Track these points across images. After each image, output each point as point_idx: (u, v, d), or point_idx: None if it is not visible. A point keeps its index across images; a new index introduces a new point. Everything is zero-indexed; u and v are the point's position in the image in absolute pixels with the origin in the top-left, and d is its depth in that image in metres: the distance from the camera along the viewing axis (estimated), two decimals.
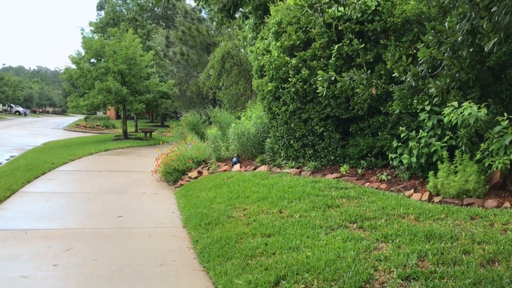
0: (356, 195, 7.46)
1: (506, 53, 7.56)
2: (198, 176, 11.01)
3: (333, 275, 4.58)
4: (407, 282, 4.30)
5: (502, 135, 6.93)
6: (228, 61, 18.53)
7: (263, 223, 6.58)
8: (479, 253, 4.74)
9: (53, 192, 9.98)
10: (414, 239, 5.27)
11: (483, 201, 6.67)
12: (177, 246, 6.53)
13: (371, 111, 9.01)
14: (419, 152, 7.88)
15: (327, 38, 9.11)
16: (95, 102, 20.93)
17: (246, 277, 4.92)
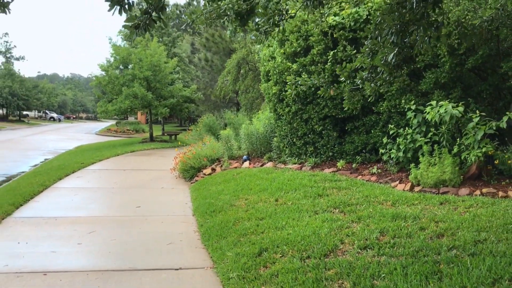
0: (346, 186, 8.31)
1: (482, 56, 8.31)
2: (212, 172, 12.00)
3: (306, 246, 5.47)
4: (364, 250, 5.16)
5: (477, 130, 7.69)
6: (243, 67, 19.54)
7: (259, 209, 7.50)
8: (433, 229, 5.56)
9: (81, 188, 11.12)
10: (382, 219, 6.12)
11: (457, 190, 7.44)
12: (185, 230, 7.50)
13: (364, 111, 9.84)
14: (406, 147, 8.67)
15: (324, 45, 9.98)
16: (122, 107, 22.24)
17: (236, 250, 5.85)
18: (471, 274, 4.13)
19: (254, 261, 5.37)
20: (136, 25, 3.11)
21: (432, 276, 4.23)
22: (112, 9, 2.89)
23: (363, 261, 4.81)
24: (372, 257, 4.93)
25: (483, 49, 8.33)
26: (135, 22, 3.10)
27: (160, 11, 3.07)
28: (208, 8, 4.73)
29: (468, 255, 4.62)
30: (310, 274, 4.69)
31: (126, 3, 2.89)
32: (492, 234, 5.15)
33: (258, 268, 5.18)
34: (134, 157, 17.79)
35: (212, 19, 4.83)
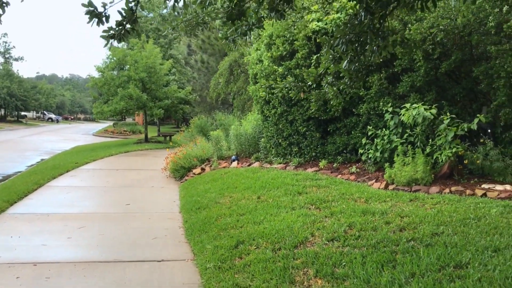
0: (325, 185, 8.72)
1: (455, 61, 8.73)
2: (201, 172, 12.40)
3: (279, 239, 5.87)
4: (331, 242, 5.57)
5: (448, 132, 8.10)
6: (235, 69, 19.97)
7: (241, 206, 7.91)
8: (397, 223, 5.97)
9: (74, 186, 11.52)
10: (352, 214, 6.53)
11: (428, 188, 7.85)
12: (170, 226, 7.89)
13: (346, 113, 10.26)
14: (383, 147, 9.08)
15: (308, 49, 10.40)
16: (117, 108, 22.65)
17: (215, 243, 6.26)
18: (422, 262, 4.53)
19: (230, 252, 5.78)
20: (111, 36, 3.51)
21: (387, 264, 4.64)
22: (91, 21, 3.29)
23: (328, 251, 5.22)
24: (337, 248, 5.34)
25: (456, 54, 8.74)
26: (111, 33, 3.50)
27: (133, 23, 3.46)
28: (188, 16, 5.13)
29: (424, 246, 5.03)
30: (279, 264, 5.10)
31: (103, 15, 3.29)
32: (450, 227, 5.56)
33: (233, 259, 5.58)
34: (128, 158, 18.20)
35: (192, 26, 5.24)
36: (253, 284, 4.74)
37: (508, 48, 8.10)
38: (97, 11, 3.28)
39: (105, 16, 3.33)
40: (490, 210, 6.18)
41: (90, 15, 3.27)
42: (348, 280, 4.43)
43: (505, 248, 4.65)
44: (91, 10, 3.24)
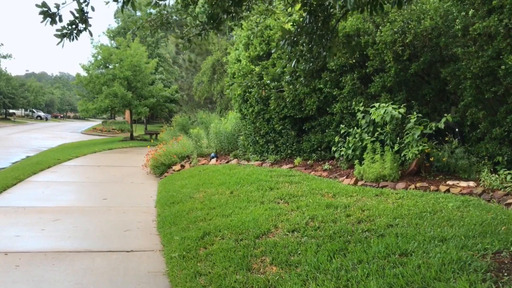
0: (298, 181, 8.96)
1: (424, 62, 9.00)
2: (181, 169, 12.60)
3: (243, 230, 6.10)
4: (291, 233, 5.80)
5: (414, 130, 8.38)
6: (218, 69, 20.19)
7: (213, 200, 8.12)
8: (357, 216, 6.21)
9: (53, 181, 11.66)
10: (317, 208, 6.77)
11: (395, 184, 8.12)
12: (144, 219, 8.08)
13: (320, 112, 10.51)
14: (354, 145, 9.35)
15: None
16: (102, 106, 22.80)
17: (183, 234, 6.47)
18: (371, 250, 4.78)
19: (196, 243, 6.00)
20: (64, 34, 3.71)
21: (339, 253, 4.88)
22: (45, 20, 3.49)
23: (286, 241, 5.45)
24: (296, 238, 5.57)
25: (424, 56, 9.02)
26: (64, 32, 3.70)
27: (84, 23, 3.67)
28: (152, 16, 5.34)
29: (376, 236, 5.28)
30: (239, 253, 5.32)
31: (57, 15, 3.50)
32: (406, 220, 5.81)
33: (198, 248, 5.80)
34: (111, 155, 18.35)
35: (156, 26, 5.45)
36: (213, 271, 4.96)
37: (474, 50, 8.38)
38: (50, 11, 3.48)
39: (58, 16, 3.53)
40: (447, 204, 6.45)
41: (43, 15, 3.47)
42: (300, 267, 4.66)
43: (451, 238, 4.90)
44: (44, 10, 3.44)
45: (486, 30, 8.14)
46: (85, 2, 3.61)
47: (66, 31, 3.69)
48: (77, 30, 3.70)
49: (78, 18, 3.63)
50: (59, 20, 3.55)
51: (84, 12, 3.66)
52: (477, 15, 8.31)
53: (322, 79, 10.15)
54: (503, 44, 7.92)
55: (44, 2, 3.45)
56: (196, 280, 4.85)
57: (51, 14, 3.49)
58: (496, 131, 8.25)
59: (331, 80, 10.09)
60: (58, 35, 3.72)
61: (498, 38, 8.00)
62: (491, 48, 8.08)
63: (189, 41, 5.08)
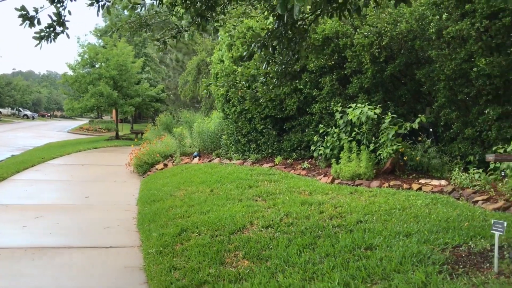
0: (277, 179, 9.16)
1: (400, 64, 9.25)
2: (164, 168, 12.75)
3: (219, 226, 6.28)
4: (265, 229, 6.00)
5: (389, 130, 8.62)
6: (203, 68, 20.37)
7: (193, 198, 8.30)
8: (330, 212, 6.43)
9: (37, 180, 11.76)
10: (292, 205, 6.97)
11: (370, 182, 8.35)
12: (124, 217, 8.24)
13: (300, 112, 10.73)
14: (333, 144, 9.57)
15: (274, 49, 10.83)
16: (88, 105, 22.87)
17: (161, 231, 6.64)
18: (338, 245, 4.99)
19: (173, 239, 6.17)
20: (42, 37, 3.88)
21: (308, 247, 5.09)
22: (23, 23, 3.66)
23: (260, 236, 5.65)
24: (269, 233, 5.78)
25: (400, 58, 9.28)
26: (42, 34, 3.87)
27: (62, 26, 3.84)
28: (132, 18, 5.51)
29: (345, 231, 5.50)
30: (214, 248, 5.51)
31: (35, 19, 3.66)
32: (375, 216, 6.04)
33: (175, 244, 5.98)
34: (95, 153, 18.44)
35: (136, 28, 5.62)
36: (188, 266, 5.14)
37: (447, 53, 8.64)
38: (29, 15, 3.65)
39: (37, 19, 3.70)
40: (417, 201, 6.69)
41: (22, 18, 3.63)
42: (270, 260, 4.86)
43: (415, 233, 5.13)
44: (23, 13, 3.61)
45: (459, 33, 8.41)
46: (62, 6, 3.78)
47: (44, 33, 3.85)
48: (55, 33, 3.87)
49: (55, 21, 3.79)
50: (37, 23, 3.71)
51: (62, 16, 3.83)
52: (451, 18, 8.58)
53: (302, 80, 10.38)
54: (475, 47, 8.19)
55: (23, 6, 3.62)
56: (171, 274, 5.03)
57: (29, 18, 3.66)
58: (468, 131, 8.52)
59: (310, 81, 10.32)
60: (36, 37, 3.88)
61: (470, 41, 8.27)
62: (464, 50, 8.35)
63: (165, 43, 5.26)
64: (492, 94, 8.37)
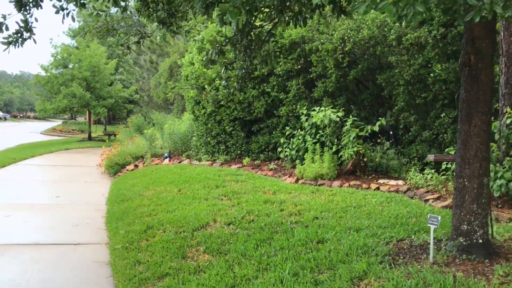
0: (244, 179, 9.47)
1: (362, 69, 9.65)
2: (134, 169, 12.94)
3: (184, 224, 6.56)
4: (227, 226, 6.30)
5: (350, 133, 9.01)
6: (175, 70, 20.59)
7: (161, 197, 8.54)
8: (290, 210, 6.76)
9: (7, 179, 11.84)
10: (255, 203, 7.29)
11: (331, 182, 8.72)
12: (94, 216, 8.43)
13: (268, 114, 11.07)
14: (298, 146, 9.92)
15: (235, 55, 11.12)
16: (60, 106, 22.85)
17: (128, 228, 6.88)
18: (293, 239, 5.32)
19: (139, 236, 6.43)
20: (9, 42, 4.11)
21: (265, 241, 5.40)
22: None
23: (221, 232, 5.95)
24: (231, 230, 6.08)
25: (362, 63, 9.69)
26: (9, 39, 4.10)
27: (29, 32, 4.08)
28: (98, 23, 5.76)
29: (301, 227, 5.83)
30: (177, 243, 5.78)
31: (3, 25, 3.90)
32: (331, 213, 6.39)
33: (140, 241, 6.23)
34: (67, 155, 18.47)
35: (103, 32, 5.87)
36: (151, 260, 5.40)
37: (406, 59, 9.07)
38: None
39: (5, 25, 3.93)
40: (372, 200, 7.08)
41: None
42: (229, 254, 5.16)
43: (365, 228, 5.50)
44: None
45: (417, 40, 8.85)
46: (29, 14, 4.02)
47: (12, 39, 4.08)
48: (22, 39, 4.10)
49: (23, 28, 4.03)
50: (5, 29, 3.94)
51: (29, 23, 4.07)
52: (410, 26, 9.02)
53: (269, 84, 10.73)
54: (432, 54, 8.64)
55: None
56: (135, 268, 5.29)
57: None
58: (426, 134, 8.97)
59: (278, 84, 10.67)
60: (4, 42, 4.11)
61: (427, 48, 8.72)
62: (422, 57, 8.80)
63: (129, 48, 5.52)
64: (448, 99, 8.82)
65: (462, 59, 4.39)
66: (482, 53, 4.26)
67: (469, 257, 4.30)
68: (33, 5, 3.97)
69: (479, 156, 4.32)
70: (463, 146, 4.40)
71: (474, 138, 4.32)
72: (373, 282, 4.00)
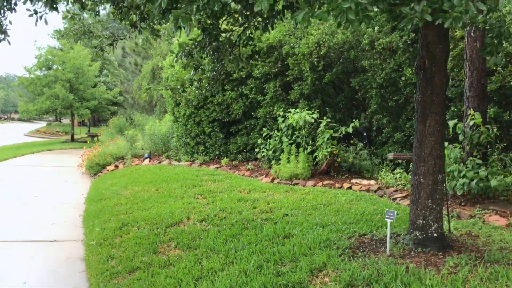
0: (221, 179, 9.66)
1: (337, 73, 9.90)
2: (115, 169, 13.06)
3: (158, 221, 6.73)
4: (200, 222, 6.48)
5: (324, 134, 9.25)
6: (157, 72, 20.73)
7: (138, 196, 8.70)
8: (262, 208, 6.97)
9: None
10: (229, 202, 7.49)
11: (306, 182, 8.94)
12: (72, 214, 8.56)
13: (246, 116, 11.28)
14: (275, 147, 10.14)
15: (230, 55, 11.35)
16: (43, 107, 22.84)
17: (103, 225, 7.04)
18: (261, 234, 5.53)
19: (114, 232, 6.59)
20: None
21: (234, 237, 5.60)
22: None
23: (193, 229, 6.14)
24: (203, 226, 6.27)
25: (336, 67, 9.95)
26: None
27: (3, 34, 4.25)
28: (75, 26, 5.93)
29: (271, 223, 6.04)
30: (150, 239, 5.96)
31: None
32: (301, 211, 6.61)
33: (115, 237, 6.40)
34: (49, 155, 18.50)
35: (80, 35, 6.04)
36: (124, 255, 5.58)
37: (379, 63, 9.35)
38: None
39: None
40: (342, 198, 7.32)
41: None
42: (199, 249, 5.36)
43: (331, 224, 5.73)
44: None
45: (389, 45, 9.14)
46: (3, 17, 4.20)
47: None
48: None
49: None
50: None
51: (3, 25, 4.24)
52: (382, 31, 9.31)
53: (247, 86, 10.94)
54: (403, 58, 8.93)
55: None
56: (107, 263, 5.47)
57: None
58: (397, 135, 9.24)
59: (256, 86, 10.89)
60: None
61: (399, 53, 9.01)
62: (393, 61, 9.08)
63: (102, 50, 5.70)
64: None
65: (418, 63, 4.65)
66: (435, 58, 4.51)
67: (424, 250, 4.54)
68: (7, 8, 4.13)
69: (434, 154, 4.57)
70: (418, 145, 4.64)
71: (428, 137, 4.57)
72: (331, 273, 4.22)
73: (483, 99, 7.29)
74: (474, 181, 6.57)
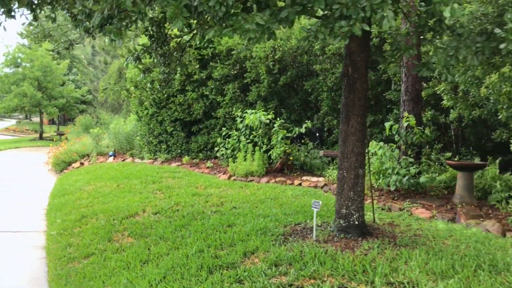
0: (180, 176, 10.16)
1: (291, 76, 10.51)
2: (80, 166, 13.43)
3: (115, 213, 7.21)
4: (154, 215, 6.99)
5: (278, 134, 9.84)
6: (124, 73, 21.05)
7: (100, 191, 9.14)
8: (214, 201, 7.51)
9: None
10: (184, 196, 8.01)
11: (260, 179, 9.52)
12: (36, 208, 8.94)
13: (206, 116, 11.82)
14: (233, 146, 10.69)
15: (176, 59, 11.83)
16: (11, 105, 22.93)
17: (64, 218, 7.49)
18: (207, 224, 6.08)
19: (73, 223, 7.05)
20: None
21: (183, 227, 6.13)
22: None
23: (147, 220, 6.65)
24: (156, 218, 6.78)
25: (291, 70, 10.57)
26: None
27: None
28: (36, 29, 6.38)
29: (219, 215, 6.59)
30: (106, 229, 6.44)
31: None
32: (249, 204, 7.19)
33: (74, 228, 6.86)
34: (17, 153, 18.69)
35: (40, 38, 6.48)
36: (81, 243, 6.06)
37: (329, 67, 10.01)
38: None
39: None
40: (288, 193, 7.93)
41: None
42: (149, 237, 5.87)
43: (272, 215, 6.32)
44: None
45: (339, 50, 9.79)
46: None
47: None
48: None
49: None
50: None
51: None
52: None
53: (208, 87, 11.48)
54: None
55: None
56: (66, 250, 5.94)
57: None
58: None
59: (216, 88, 11.43)
60: None
61: None
62: (342, 65, 9.71)
63: (58, 53, 6.19)
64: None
65: (342, 70, 5.27)
66: (357, 66, 5.14)
67: (346, 236, 5.16)
68: None
69: (355, 151, 5.19)
70: (342, 143, 5.26)
71: (351, 136, 5.19)
72: (261, 255, 4.79)
73: (417, 103, 8.00)
74: (406, 178, 7.26)
